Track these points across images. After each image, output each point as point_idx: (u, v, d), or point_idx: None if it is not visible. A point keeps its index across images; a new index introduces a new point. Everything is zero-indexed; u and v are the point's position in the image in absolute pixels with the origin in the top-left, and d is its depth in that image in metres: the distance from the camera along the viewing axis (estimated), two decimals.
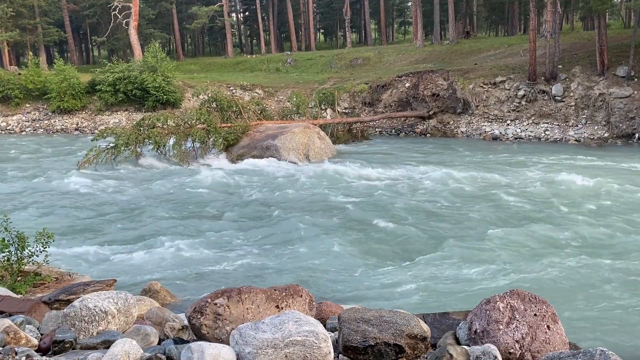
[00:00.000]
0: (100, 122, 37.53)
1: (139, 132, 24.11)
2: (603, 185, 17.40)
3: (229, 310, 4.22)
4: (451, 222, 14.01)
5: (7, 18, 48.28)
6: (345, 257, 11.54)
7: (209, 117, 24.99)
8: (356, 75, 39.19)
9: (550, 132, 29.24)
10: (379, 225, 13.93)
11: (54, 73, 38.77)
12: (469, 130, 31.47)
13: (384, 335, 3.88)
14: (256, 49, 68.54)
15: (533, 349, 3.81)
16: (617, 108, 27.86)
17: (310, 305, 4.61)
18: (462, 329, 4.19)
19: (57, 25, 56.61)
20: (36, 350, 3.98)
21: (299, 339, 3.50)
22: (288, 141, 24.19)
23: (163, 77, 37.39)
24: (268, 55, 54.72)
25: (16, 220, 10.56)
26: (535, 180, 18.46)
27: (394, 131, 33.87)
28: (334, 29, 76.00)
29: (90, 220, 15.10)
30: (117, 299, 4.44)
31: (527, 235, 12.67)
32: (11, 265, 8.41)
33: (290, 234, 13.36)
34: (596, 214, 14.34)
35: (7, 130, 37.78)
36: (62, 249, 11.72)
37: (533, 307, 3.96)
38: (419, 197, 16.82)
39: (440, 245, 12.23)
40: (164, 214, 15.55)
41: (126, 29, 49.15)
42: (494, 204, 15.62)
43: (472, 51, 38.99)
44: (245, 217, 15.20)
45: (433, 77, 33.57)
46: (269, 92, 38.83)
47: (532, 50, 30.29)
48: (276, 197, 17.29)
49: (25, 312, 5.11)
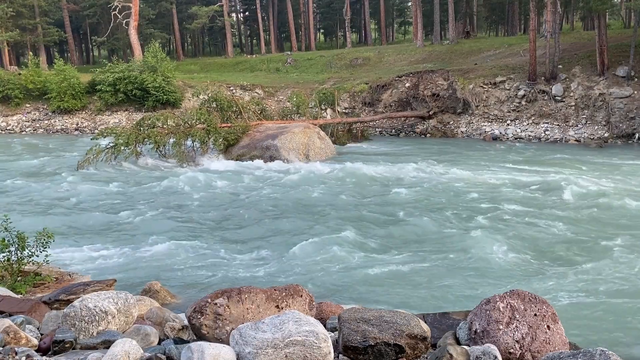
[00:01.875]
0: (100, 122, 37.52)
1: (139, 132, 24.11)
2: (603, 185, 17.43)
3: (229, 310, 4.22)
4: (451, 221, 14.02)
5: (7, 18, 48.31)
6: (346, 257, 11.54)
7: (209, 117, 24.99)
8: (356, 75, 39.20)
9: (550, 132, 29.25)
10: (379, 225, 13.94)
11: (54, 73, 38.75)
12: (469, 130, 31.47)
13: (384, 335, 3.88)
14: (256, 49, 68.53)
15: (533, 349, 3.81)
16: (617, 108, 27.86)
17: (310, 305, 4.61)
18: (462, 329, 4.19)
19: (57, 25, 56.63)
20: (36, 350, 3.98)
21: (299, 339, 3.50)
22: (288, 141, 24.19)
23: (163, 77, 37.38)
24: (268, 55, 54.71)
25: (16, 220, 10.55)
26: (535, 181, 18.47)
27: (394, 131, 33.88)
28: (334, 29, 76.00)
29: (90, 220, 15.09)
30: (117, 299, 4.44)
31: (527, 235, 12.70)
32: (11, 265, 8.41)
33: (290, 233, 13.36)
34: (596, 214, 14.36)
35: (7, 130, 37.79)
36: (62, 249, 11.72)
37: (533, 307, 3.96)
38: (419, 197, 16.83)
39: (440, 245, 12.24)
40: (163, 213, 15.55)
41: (126, 29, 49.15)
42: (494, 204, 15.63)
43: (472, 51, 39.00)
44: (245, 217, 15.21)
45: (433, 77, 33.56)
46: (269, 92, 38.83)
47: (532, 50, 30.29)
48: (276, 197, 17.30)
49: (25, 312, 5.11)
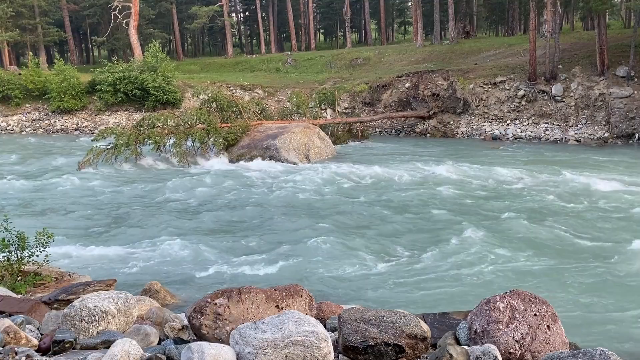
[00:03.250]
0: (100, 122, 37.53)
1: (139, 132, 24.12)
2: (603, 185, 17.41)
3: (229, 310, 4.22)
4: (451, 221, 14.01)
5: (7, 18, 48.31)
6: (346, 257, 11.54)
7: (209, 117, 24.99)
8: (356, 75, 39.20)
9: (550, 132, 29.25)
10: (379, 225, 13.94)
11: (54, 73, 38.76)
12: (469, 130, 31.47)
13: (384, 335, 3.88)
14: (256, 49, 68.54)
15: (533, 349, 3.81)
16: (617, 108, 27.86)
17: (310, 305, 4.61)
18: (462, 329, 4.19)
19: (57, 25, 56.63)
20: (36, 350, 3.98)
21: (299, 339, 3.49)
22: (288, 141, 24.19)
23: (163, 77, 37.37)
24: (268, 55, 54.71)
25: (16, 220, 10.56)
26: (535, 181, 18.47)
27: (394, 131, 33.89)
28: (334, 29, 76.01)
29: (90, 220, 15.10)
30: (117, 299, 4.44)
31: (527, 235, 12.70)
32: (11, 265, 8.41)
33: (290, 233, 13.36)
34: (596, 214, 14.36)
35: (7, 130, 37.79)
36: (62, 249, 11.71)
37: (533, 307, 3.96)
38: (419, 197, 16.83)
39: (440, 244, 12.23)
40: (163, 214, 15.55)
41: (126, 29, 49.14)
42: (494, 204, 15.63)
43: (472, 51, 38.99)
44: (245, 217, 15.21)
45: (433, 77, 33.57)
46: (269, 92, 38.83)
47: (532, 50, 30.29)
48: (276, 197, 17.29)
49: (25, 312, 5.10)
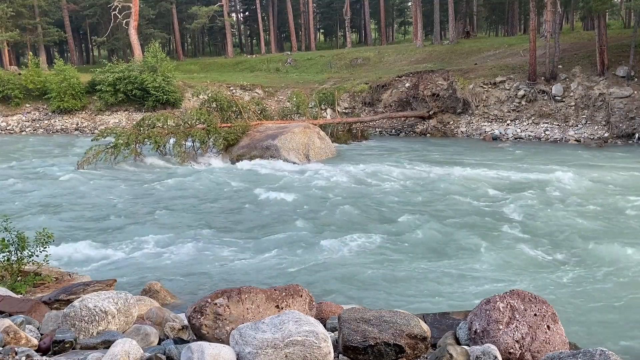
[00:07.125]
0: (100, 122, 37.53)
1: (139, 132, 24.12)
2: (603, 185, 17.42)
3: (229, 310, 4.22)
4: (452, 221, 14.01)
5: (7, 18, 48.31)
6: (346, 256, 11.55)
7: (209, 117, 25.00)
8: (356, 75, 39.19)
9: (550, 132, 29.25)
10: (378, 225, 13.94)
11: (54, 73, 38.76)
12: (469, 130, 31.47)
13: (384, 335, 3.87)
14: (256, 49, 68.54)
15: (533, 349, 3.81)
16: (617, 108, 27.86)
17: (310, 305, 4.61)
18: (462, 329, 4.19)
19: (57, 25, 56.63)
20: (36, 350, 3.98)
21: (299, 339, 3.49)
22: (288, 141, 24.19)
23: (163, 77, 37.38)
24: (268, 55, 54.71)
25: (16, 220, 10.56)
26: (535, 180, 18.47)
27: (394, 131, 33.88)
28: (334, 29, 76.02)
29: (90, 220, 15.10)
30: (117, 299, 4.44)
31: (527, 235, 12.70)
32: (11, 265, 8.41)
33: (290, 233, 13.36)
34: (596, 214, 14.37)
35: (7, 130, 37.79)
36: (62, 249, 11.72)
37: (533, 307, 3.96)
38: (419, 197, 16.83)
39: (440, 244, 12.24)
40: (163, 214, 15.55)
41: (126, 29, 49.13)
42: (494, 204, 15.64)
43: (472, 51, 38.99)
44: (245, 217, 15.21)
45: (433, 77, 33.56)
46: (269, 92, 38.83)
47: (532, 50, 30.29)
48: (276, 197, 17.29)
49: (25, 312, 5.10)
